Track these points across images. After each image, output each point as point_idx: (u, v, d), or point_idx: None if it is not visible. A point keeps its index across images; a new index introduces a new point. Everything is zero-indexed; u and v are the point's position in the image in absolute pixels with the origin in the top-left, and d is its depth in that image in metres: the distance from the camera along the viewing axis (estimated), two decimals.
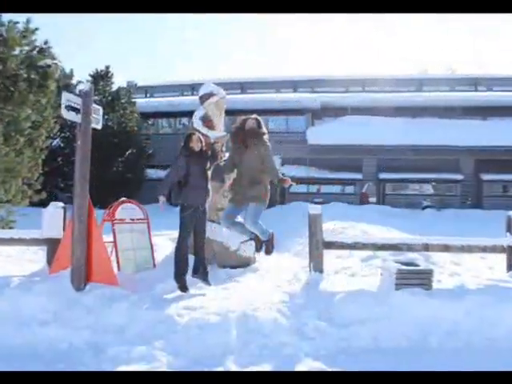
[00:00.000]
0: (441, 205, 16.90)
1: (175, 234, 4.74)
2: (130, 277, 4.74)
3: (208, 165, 4.67)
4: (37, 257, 5.82)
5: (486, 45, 63.77)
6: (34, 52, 9.06)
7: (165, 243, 6.45)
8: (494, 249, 4.72)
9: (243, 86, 25.00)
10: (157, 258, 5.50)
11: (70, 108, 4.00)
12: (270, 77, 26.33)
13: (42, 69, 8.91)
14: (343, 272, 5.15)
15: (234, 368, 3.03)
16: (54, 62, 9.28)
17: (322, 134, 19.14)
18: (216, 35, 70.11)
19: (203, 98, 5.84)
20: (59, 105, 4.26)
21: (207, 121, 5.65)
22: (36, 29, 8.91)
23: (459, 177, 19.07)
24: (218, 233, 5.49)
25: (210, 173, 4.72)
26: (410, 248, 4.77)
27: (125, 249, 5.06)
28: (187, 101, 19.50)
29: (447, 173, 18.78)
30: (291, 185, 4.38)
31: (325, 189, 19.56)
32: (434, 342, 3.56)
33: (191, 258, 4.61)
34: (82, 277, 4.10)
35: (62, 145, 17.73)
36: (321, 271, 4.71)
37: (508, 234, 4.91)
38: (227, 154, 5.18)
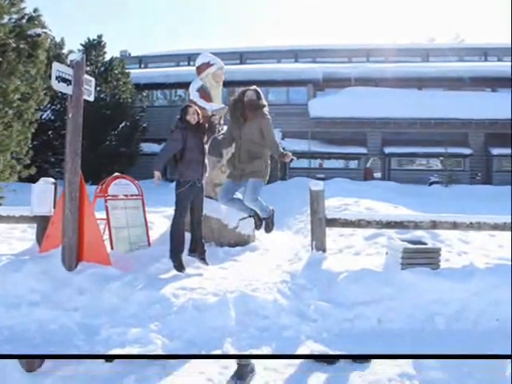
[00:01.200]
0: (449, 180, 16.65)
1: (171, 210, 4.68)
2: (124, 256, 4.68)
3: (205, 138, 4.57)
4: (26, 235, 5.73)
5: (496, 13, 62.11)
6: (23, 20, 8.87)
7: (160, 220, 6.42)
8: (504, 226, 4.58)
9: (242, 56, 24.50)
10: (152, 235, 5.44)
11: (60, 79, 3.90)
12: (270, 46, 25.73)
13: (31, 38, 8.76)
14: (346, 251, 5.09)
15: (232, 351, 2.97)
16: (44, 30, 9.12)
17: (325, 106, 18.82)
18: (213, 1, 68.01)
19: (200, 69, 5.71)
20: (49, 76, 4.21)
21: (204, 93, 5.53)
22: None
23: (468, 151, 18.77)
24: (215, 209, 5.35)
25: (207, 147, 4.61)
26: (416, 225, 4.65)
27: (118, 226, 5.00)
28: (183, 71, 19.06)
29: (455, 147, 18.41)
30: (292, 160, 4.23)
31: (327, 164, 19.41)
32: (441, 324, 3.50)
33: (188, 236, 4.54)
34: (74, 256, 4.02)
35: (52, 117, 17.40)
36: (323, 250, 4.61)
37: None
38: (225, 128, 5.02)
